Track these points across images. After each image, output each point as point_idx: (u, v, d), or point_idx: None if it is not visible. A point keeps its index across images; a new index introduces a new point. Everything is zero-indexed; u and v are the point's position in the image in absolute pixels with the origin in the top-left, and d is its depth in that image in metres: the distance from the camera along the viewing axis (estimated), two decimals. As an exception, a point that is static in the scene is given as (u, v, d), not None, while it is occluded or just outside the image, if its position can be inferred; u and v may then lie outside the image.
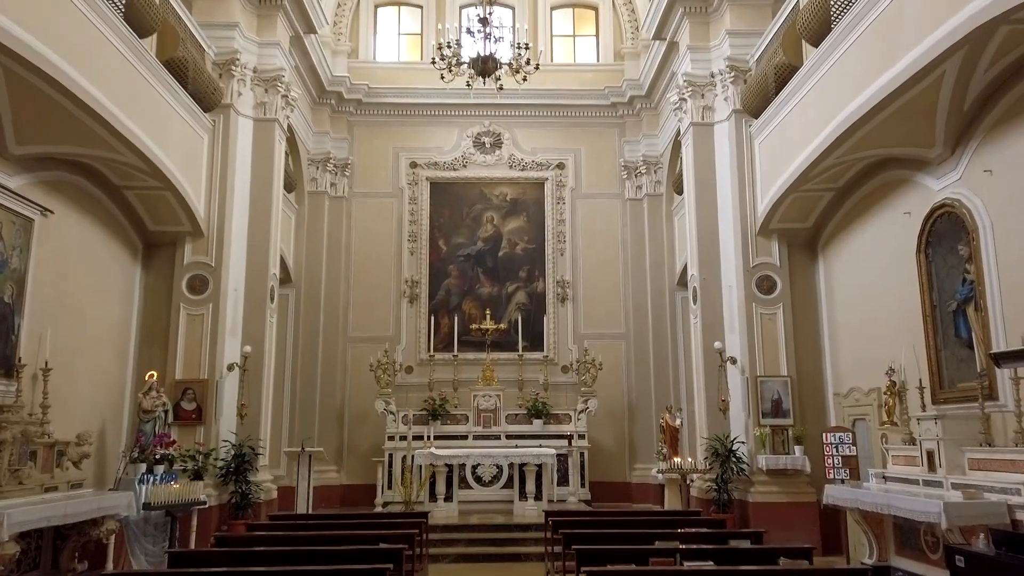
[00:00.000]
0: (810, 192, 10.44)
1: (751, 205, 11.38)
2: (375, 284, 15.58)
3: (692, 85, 12.14)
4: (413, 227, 15.77)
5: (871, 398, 9.69)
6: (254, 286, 11.55)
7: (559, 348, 15.38)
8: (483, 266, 15.65)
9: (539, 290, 15.59)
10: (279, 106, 12.13)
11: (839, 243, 10.75)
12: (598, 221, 15.92)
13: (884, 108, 7.98)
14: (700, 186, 12.03)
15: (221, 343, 10.96)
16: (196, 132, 10.85)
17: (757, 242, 11.34)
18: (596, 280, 15.69)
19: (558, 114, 16.19)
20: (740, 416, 11.02)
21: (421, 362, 15.18)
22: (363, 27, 16.69)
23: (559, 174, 16.04)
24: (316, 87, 15.19)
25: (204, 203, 11.09)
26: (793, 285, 11.30)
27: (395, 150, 16.13)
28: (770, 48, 10.77)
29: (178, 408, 10.56)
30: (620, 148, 16.12)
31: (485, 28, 8.61)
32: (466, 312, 15.40)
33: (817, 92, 9.29)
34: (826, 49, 8.85)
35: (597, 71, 16.51)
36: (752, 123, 11.47)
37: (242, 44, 11.72)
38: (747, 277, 11.25)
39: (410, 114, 16.18)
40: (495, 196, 15.94)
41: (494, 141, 16.10)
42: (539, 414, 14.01)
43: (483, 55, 8.64)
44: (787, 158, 10.21)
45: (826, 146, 9.02)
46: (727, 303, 11.53)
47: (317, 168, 15.40)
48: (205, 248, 11.09)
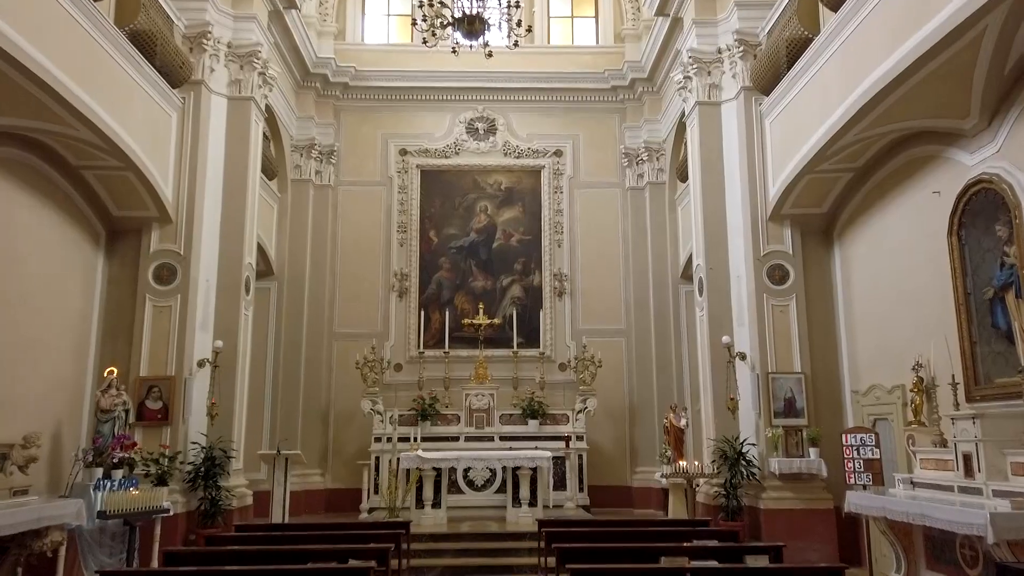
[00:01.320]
0: (826, 173, 9.63)
1: (761, 189, 10.58)
2: (362, 277, 14.77)
3: (698, 62, 11.34)
4: (403, 217, 14.97)
5: (894, 396, 8.89)
6: (227, 276, 10.75)
7: (556, 345, 14.58)
8: (476, 258, 14.85)
9: (535, 284, 14.79)
10: (256, 84, 11.33)
11: (857, 229, 9.94)
12: (597, 211, 15.11)
13: (913, 74, 7.18)
14: (707, 169, 11.23)
15: (190, 337, 10.16)
16: (163, 109, 10.06)
17: (768, 229, 10.53)
18: (595, 273, 14.89)
19: (555, 99, 15.39)
20: (750, 416, 10.22)
21: (411, 359, 14.37)
22: (351, 7, 15.89)
23: (556, 162, 15.24)
24: (300, 69, 14.40)
25: (172, 186, 10.29)
26: (807, 275, 10.50)
27: (384, 136, 15.33)
28: (783, 18, 9.97)
29: (142, 408, 9.76)
30: (620, 134, 15.32)
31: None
32: (458, 307, 14.59)
33: (837, 60, 8.49)
34: (848, 11, 8.05)
35: (596, 54, 15.71)
36: (762, 101, 10.68)
37: (215, 17, 10.93)
38: (757, 266, 10.45)
39: (400, 99, 15.37)
40: (489, 185, 15.13)
41: (488, 127, 15.30)
42: (535, 414, 13.21)
43: (469, 13, 7.85)
44: (802, 136, 9.41)
45: (847, 119, 8.22)
46: (735, 295, 10.74)
47: (301, 155, 14.60)
48: (174, 235, 10.30)
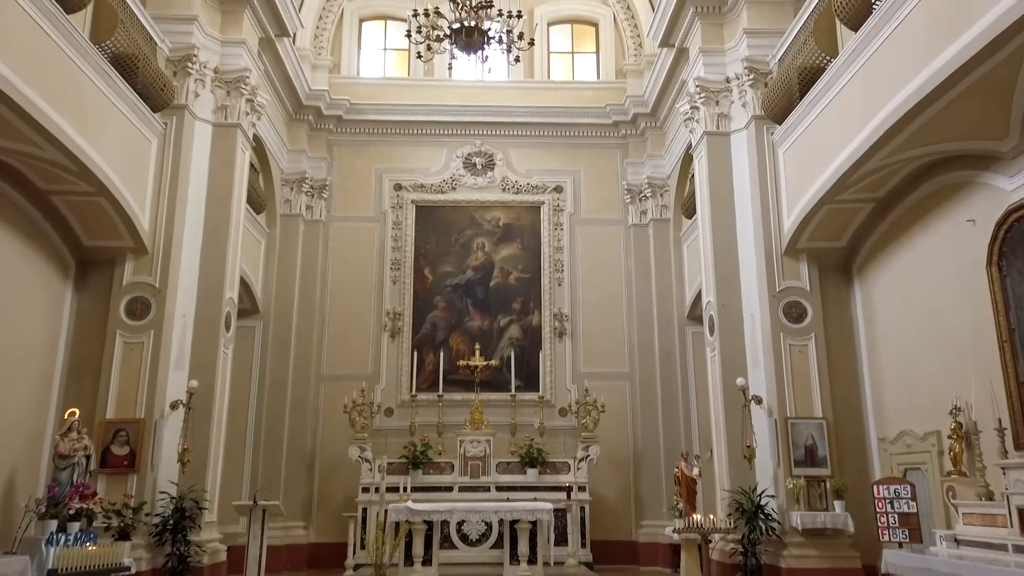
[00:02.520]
0: (846, 204, 9.05)
1: (776, 222, 9.99)
2: (353, 316, 14.07)
3: (705, 91, 10.87)
4: (396, 254, 14.34)
5: (928, 443, 8.15)
6: (206, 312, 10.05)
7: (556, 388, 13.80)
8: (473, 297, 14.18)
9: (534, 324, 14.08)
10: (243, 110, 10.80)
11: (879, 263, 9.32)
12: (599, 249, 14.51)
13: (945, 92, 6.65)
14: (716, 202, 10.66)
15: (163, 377, 9.42)
16: (142, 134, 9.49)
17: (783, 264, 9.91)
18: (597, 313, 14.20)
19: (555, 133, 14.92)
20: (768, 465, 9.45)
21: (402, 403, 13.57)
22: (346, 41, 15.52)
23: (556, 198, 14.69)
24: (292, 101, 13.93)
25: (150, 215, 9.66)
26: (826, 313, 9.84)
27: (378, 171, 14.80)
28: (796, 43, 9.51)
29: (107, 453, 8.97)
30: (623, 170, 14.81)
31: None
32: (453, 348, 13.86)
33: (859, 82, 7.97)
34: (871, 29, 7.55)
35: (597, 89, 15.30)
36: (774, 130, 10.17)
37: (201, 40, 10.45)
38: (772, 304, 9.79)
39: (395, 132, 14.89)
40: (487, 221, 14.55)
41: (486, 162, 14.79)
42: (534, 462, 12.36)
43: (467, 24, 7.32)
44: (819, 165, 8.85)
45: (870, 144, 7.68)
46: (749, 334, 10.05)
47: (292, 189, 14.03)
48: (149, 267, 9.64)
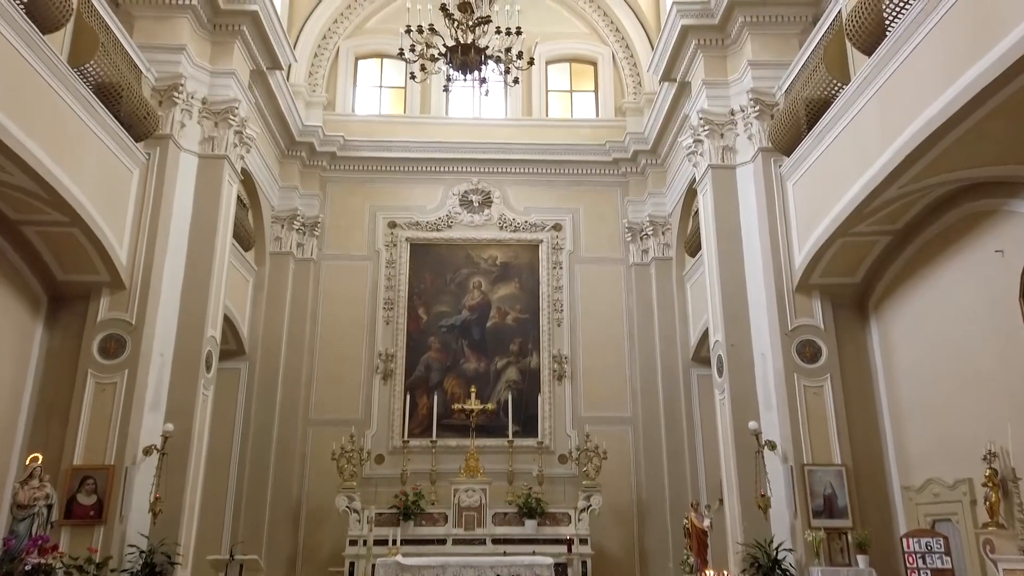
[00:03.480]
0: (861, 237, 8.61)
1: (786, 257, 9.53)
2: (344, 358, 13.49)
3: (709, 123, 10.53)
4: (390, 294, 13.84)
5: (959, 492, 7.54)
6: (186, 351, 9.48)
7: (556, 434, 13.16)
8: (469, 338, 13.63)
9: (532, 366, 13.51)
10: (231, 142, 10.41)
11: (898, 300, 8.83)
12: (600, 288, 14.03)
13: (970, 113, 6.26)
14: (723, 237, 10.21)
15: (137, 420, 8.81)
16: (123, 163, 9.07)
17: (795, 301, 9.42)
18: (598, 355, 13.64)
19: (554, 171, 14.57)
20: (784, 516, 8.80)
21: (394, 450, 12.90)
22: (341, 79, 15.27)
23: (555, 236, 14.27)
24: (284, 137, 13.60)
25: (128, 249, 9.18)
26: (841, 352, 9.31)
27: (372, 209, 14.40)
28: (804, 72, 9.18)
29: (72, 503, 8.31)
30: (623, 208, 14.43)
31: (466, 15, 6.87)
32: (448, 391, 13.26)
33: (874, 108, 7.60)
34: (887, 51, 7.20)
35: (597, 127, 15.02)
36: (782, 162, 9.79)
37: (189, 71, 10.12)
38: (785, 342, 9.26)
39: (390, 170, 14.54)
40: (483, 260, 14.10)
41: (483, 199, 14.40)
42: (532, 513, 11.65)
43: (463, 42, 6.94)
44: (833, 196, 8.43)
45: (888, 172, 7.26)
46: (761, 375, 9.50)
47: (282, 226, 13.60)
48: (126, 303, 9.11)
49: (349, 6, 15.46)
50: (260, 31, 10.92)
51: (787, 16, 10.36)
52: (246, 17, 10.60)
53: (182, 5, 10.10)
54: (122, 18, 9.83)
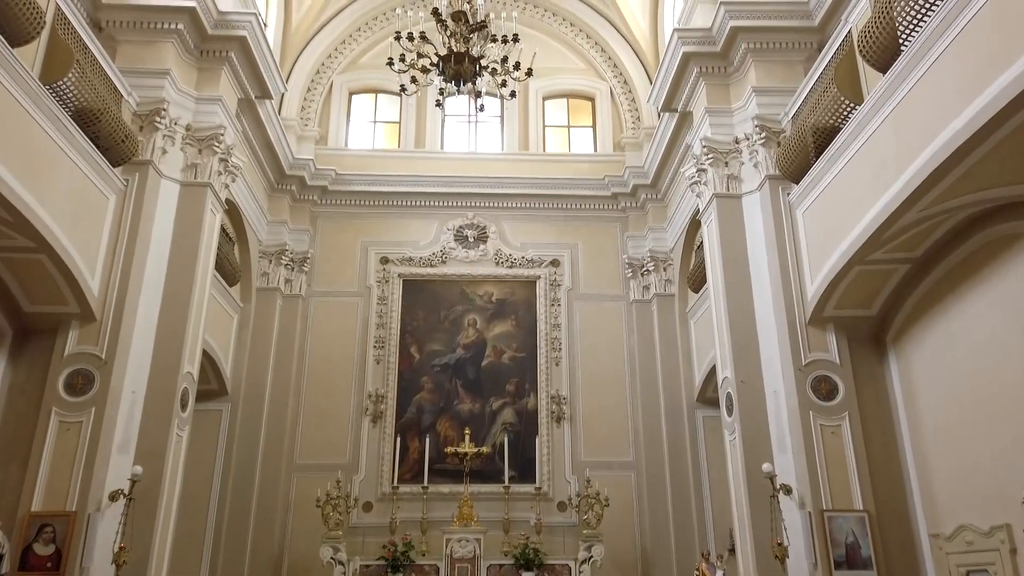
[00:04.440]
0: (878, 265, 8.13)
1: (797, 288, 9.04)
2: (332, 399, 12.85)
3: (713, 151, 10.14)
4: (381, 332, 13.27)
5: (996, 540, 6.90)
6: (159, 388, 8.86)
7: (554, 479, 12.47)
8: (463, 378, 13.03)
9: (530, 407, 12.88)
10: (215, 170, 9.98)
11: (919, 332, 8.31)
12: (599, 326, 13.49)
13: (996, 129, 5.86)
14: (730, 268, 9.73)
15: (103, 462, 8.16)
16: (98, 189, 8.60)
17: (808, 334, 8.89)
18: (598, 396, 13.03)
19: (551, 205, 14.17)
20: (803, 566, 8.12)
21: (382, 496, 12.18)
22: (334, 113, 14.97)
23: (553, 272, 13.78)
24: (274, 170, 13.21)
25: (100, 278, 8.64)
26: (859, 389, 8.75)
27: (364, 244, 13.93)
28: (813, 95, 8.82)
29: (28, 553, 7.62)
30: (623, 244, 13.99)
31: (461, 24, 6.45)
32: (441, 433, 12.61)
33: (890, 127, 7.19)
34: (904, 66, 6.82)
35: (595, 162, 14.68)
36: (791, 190, 9.37)
37: (174, 96, 9.74)
38: (799, 379, 8.71)
39: (383, 204, 14.12)
40: (479, 296, 13.58)
41: (478, 235, 13.96)
42: (530, 564, 10.87)
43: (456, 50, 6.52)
44: (847, 223, 7.98)
45: (908, 193, 6.82)
46: (773, 413, 8.92)
47: (270, 262, 13.10)
48: (96, 336, 8.54)
49: (344, 42, 15.27)
50: (249, 58, 10.60)
51: (791, 42, 10.08)
52: (234, 43, 10.28)
53: (167, 30, 9.77)
54: (105, 42, 9.53)
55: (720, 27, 10.16)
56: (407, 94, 7.14)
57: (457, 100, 15.51)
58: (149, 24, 9.72)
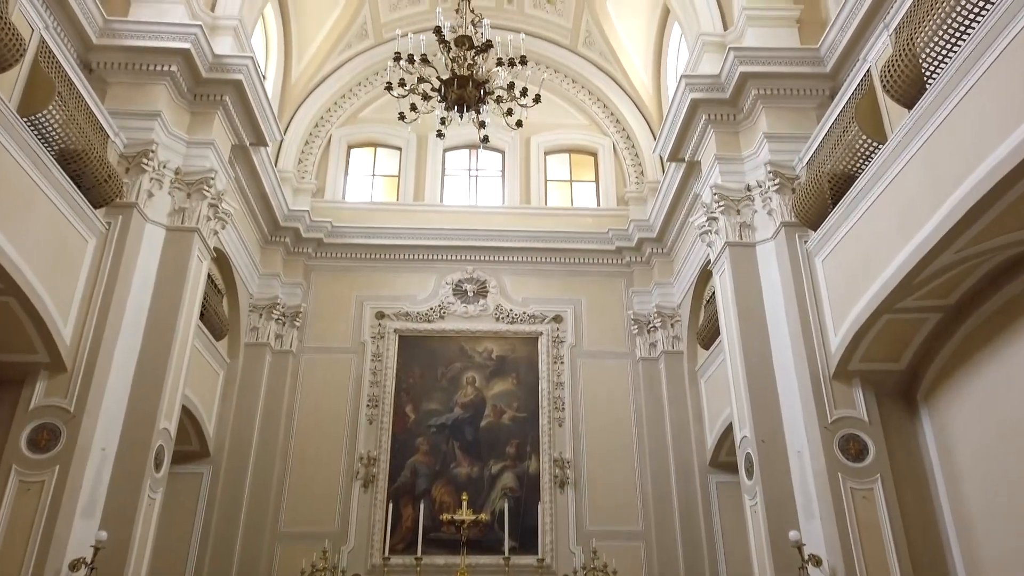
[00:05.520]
0: (908, 314, 7.59)
1: (820, 341, 8.47)
2: (321, 461, 12.09)
3: (724, 199, 9.74)
4: (375, 390, 12.60)
5: (1058, 619, 6.16)
6: (132, 446, 8.17)
7: (558, 550, 11.60)
8: (461, 439, 12.29)
9: (531, 471, 12.11)
10: (204, 215, 9.52)
11: (954, 388, 7.70)
12: (604, 385, 12.84)
13: (1043, 158, 5.41)
14: (745, 321, 9.18)
15: (65, 526, 7.39)
16: (77, 230, 8.10)
17: (833, 389, 8.28)
18: (604, 459, 12.28)
19: (554, 260, 13.72)
20: (838, 649, 7.31)
21: (373, 568, 11.30)
22: (332, 167, 14.67)
23: (556, 328, 13.22)
24: (268, 222, 12.79)
25: (74, 326, 8.05)
26: (891, 449, 8.08)
27: (359, 298, 13.40)
28: (830, 139, 8.45)
29: (-28, 630, 6.79)
30: (628, 299, 13.48)
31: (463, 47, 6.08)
32: (436, 499, 11.80)
33: (919, 165, 6.77)
34: (933, 99, 6.43)
35: (598, 216, 14.31)
36: (808, 238, 8.92)
37: (163, 139, 9.36)
38: (825, 437, 8.05)
39: (380, 258, 13.66)
40: (478, 353, 12.97)
41: (478, 289, 13.45)
42: (532, 645, 9.99)
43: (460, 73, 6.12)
44: (872, 269, 7.49)
45: (943, 233, 6.33)
46: (798, 476, 8.23)
47: (260, 316, 12.54)
48: (65, 388, 7.89)
49: (344, 96, 15.11)
50: (244, 103, 10.28)
51: (803, 89, 9.79)
52: (229, 87, 9.98)
53: (160, 72, 9.47)
54: (95, 84, 9.20)
55: (729, 73, 9.89)
56: (406, 122, 6.75)
57: (457, 155, 15.37)
58: (141, 66, 9.41)
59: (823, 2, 10.45)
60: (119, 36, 9.36)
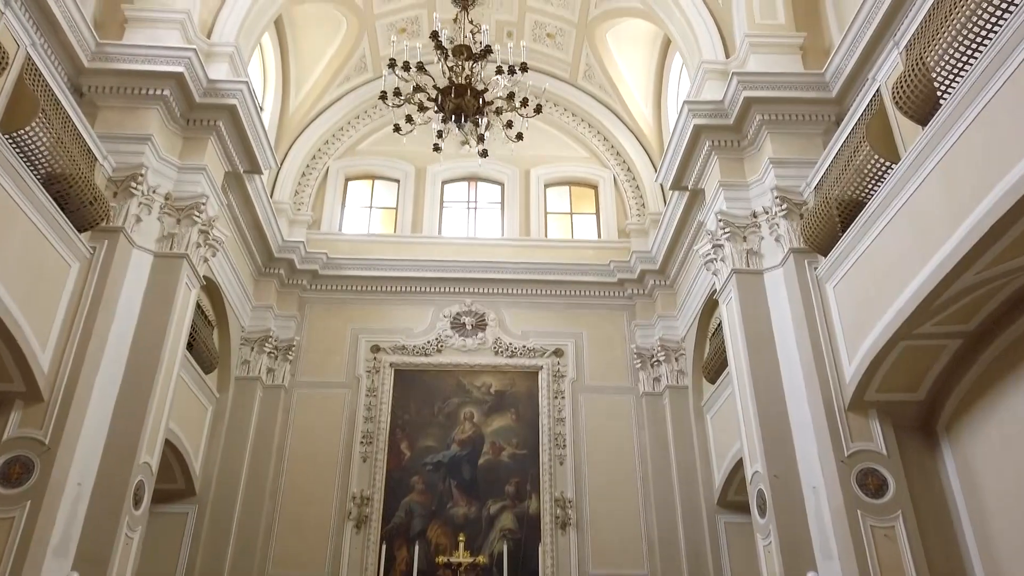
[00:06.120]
0: (926, 341, 7.24)
1: (833, 370, 8.10)
2: (311, 501, 11.59)
3: (730, 225, 9.46)
4: (369, 426, 12.16)
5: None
6: (110, 481, 7.72)
7: (560, 595, 11.05)
8: (458, 478, 11.81)
9: (531, 511, 11.60)
10: (194, 241, 9.22)
11: (977, 419, 7.31)
12: (607, 421, 12.41)
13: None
14: (755, 350, 8.82)
15: (35, 566, 6.91)
16: (59, 254, 7.79)
17: (849, 421, 7.88)
18: (607, 499, 11.78)
19: (554, 292, 13.41)
20: None
21: (365, 614, 10.75)
22: (329, 199, 14.46)
23: (556, 362, 12.83)
24: (262, 253, 12.52)
25: (53, 353, 7.67)
26: (911, 484, 7.65)
27: (354, 331, 13.04)
28: (839, 161, 8.20)
29: None
30: (631, 332, 13.13)
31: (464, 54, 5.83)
32: (432, 541, 11.27)
33: (936, 182, 6.49)
34: (949, 113, 6.19)
35: (599, 248, 14.05)
36: (818, 263, 8.62)
37: (154, 163, 9.12)
38: (842, 472, 7.63)
39: (376, 290, 13.35)
40: (476, 388, 12.56)
41: (477, 322, 13.11)
42: None
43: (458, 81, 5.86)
44: (887, 294, 7.17)
45: (964, 252, 6.01)
46: (814, 513, 7.78)
47: (252, 349, 12.17)
48: (41, 418, 7.48)
49: (342, 128, 14.99)
50: (238, 128, 10.07)
51: (808, 114, 9.58)
52: (223, 112, 9.77)
53: (153, 96, 9.26)
54: (86, 108, 8.98)
55: (733, 98, 9.71)
56: (402, 134, 6.48)
57: (456, 187, 15.19)
58: (133, 90, 9.21)
59: (826, 29, 10.34)
60: (112, 59, 9.19)
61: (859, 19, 8.60)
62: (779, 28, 10.30)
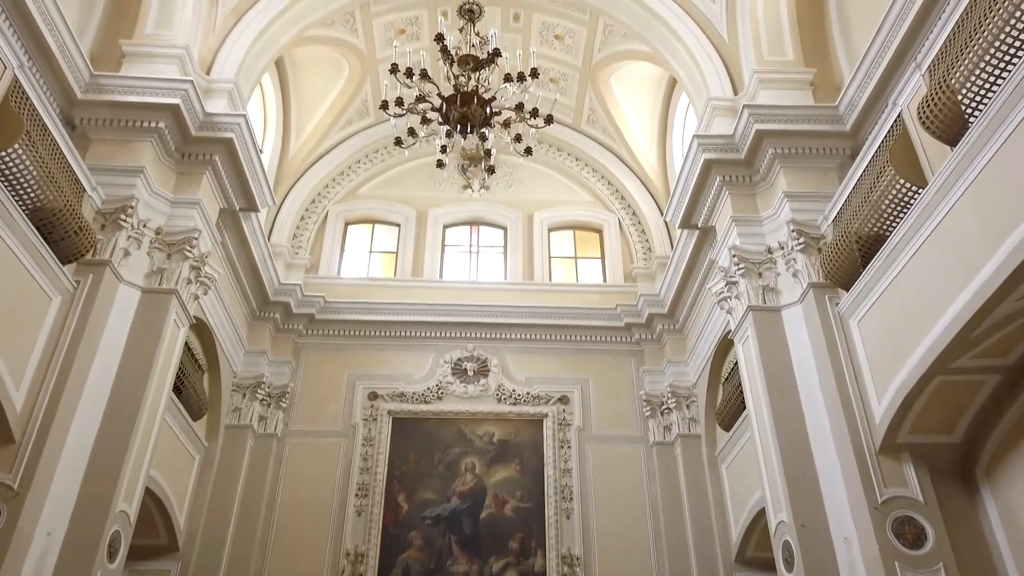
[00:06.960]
0: (962, 376, 6.77)
1: (861, 411, 7.58)
2: (303, 558, 10.88)
3: (744, 261, 9.07)
4: (365, 477, 11.53)
5: None
6: (83, 531, 7.12)
7: (568, 662, 10.26)
8: (458, 533, 11.12)
9: (536, 569, 10.87)
10: (184, 277, 8.81)
11: (1021, 462, 6.77)
12: (616, 471, 11.77)
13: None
14: (775, 392, 8.31)
15: (-7, 628, 6.30)
16: (40, 287, 7.37)
17: (881, 465, 7.33)
18: (617, 555, 11.06)
19: (559, 337, 12.94)
20: None
21: None
22: (328, 243, 14.12)
23: (562, 410, 12.27)
24: (257, 296, 12.10)
25: (27, 393, 7.17)
26: (950, 533, 7.05)
27: (351, 378, 12.52)
28: (860, 191, 7.85)
29: None
30: (639, 379, 12.60)
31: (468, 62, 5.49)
32: (431, 602, 10.54)
33: (968, 205, 6.11)
34: (982, 129, 5.85)
35: (605, 292, 13.64)
36: (839, 299, 8.19)
37: (145, 197, 8.78)
38: (876, 520, 7.03)
39: (375, 335, 12.88)
40: (478, 437, 11.97)
41: (479, 368, 12.60)
42: None
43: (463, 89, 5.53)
44: (919, 327, 6.72)
45: (1004, 277, 5.60)
46: (847, 566, 7.15)
47: (244, 396, 11.64)
48: (11, 462, 6.93)
49: (342, 172, 14.78)
50: (235, 164, 9.78)
51: (822, 148, 9.31)
52: (219, 146, 9.50)
53: (147, 128, 9.00)
54: (77, 141, 8.72)
55: (744, 132, 9.45)
56: (404, 147, 6.13)
57: (458, 231, 14.88)
58: (127, 122, 8.95)
59: (835, 65, 10.15)
60: (106, 91, 8.95)
61: (874, 48, 8.39)
62: (788, 64, 10.12)
